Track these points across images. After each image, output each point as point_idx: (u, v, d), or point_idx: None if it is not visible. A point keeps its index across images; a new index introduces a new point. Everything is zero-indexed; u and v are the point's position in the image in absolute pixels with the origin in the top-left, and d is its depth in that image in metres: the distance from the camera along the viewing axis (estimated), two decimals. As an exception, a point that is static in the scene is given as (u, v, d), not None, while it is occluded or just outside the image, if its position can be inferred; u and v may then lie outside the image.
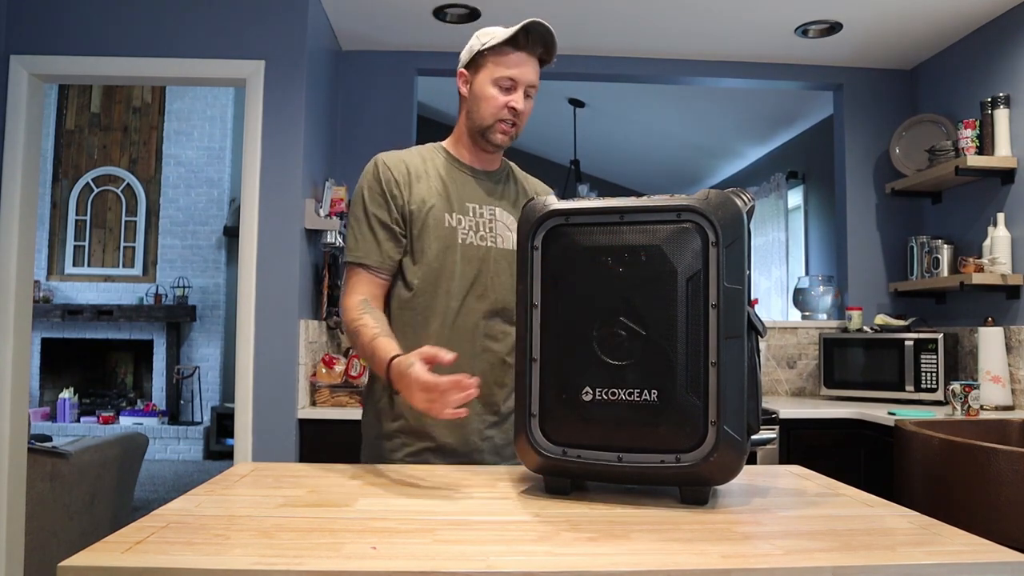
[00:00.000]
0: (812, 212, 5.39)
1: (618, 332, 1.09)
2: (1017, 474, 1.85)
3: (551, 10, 3.15)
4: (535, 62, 1.53)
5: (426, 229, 1.50)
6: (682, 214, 1.08)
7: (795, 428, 2.90)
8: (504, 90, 1.50)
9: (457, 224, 1.51)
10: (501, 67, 1.50)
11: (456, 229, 1.51)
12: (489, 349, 1.52)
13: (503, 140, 1.53)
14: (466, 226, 1.52)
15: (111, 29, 2.89)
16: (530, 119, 1.60)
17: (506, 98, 1.50)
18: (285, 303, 2.85)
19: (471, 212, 1.54)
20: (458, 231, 1.51)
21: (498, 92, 1.50)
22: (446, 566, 0.80)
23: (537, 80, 1.53)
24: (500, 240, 1.55)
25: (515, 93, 1.50)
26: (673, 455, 1.05)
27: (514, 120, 1.52)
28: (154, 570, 0.79)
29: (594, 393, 1.09)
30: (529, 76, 1.51)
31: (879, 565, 0.83)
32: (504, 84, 1.50)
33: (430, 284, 1.50)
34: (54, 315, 6.71)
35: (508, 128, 1.52)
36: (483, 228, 1.54)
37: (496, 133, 1.52)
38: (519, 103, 1.50)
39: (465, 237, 1.52)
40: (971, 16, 3.15)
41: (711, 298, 1.05)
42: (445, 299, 1.50)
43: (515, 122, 1.52)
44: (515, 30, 1.50)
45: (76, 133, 7.09)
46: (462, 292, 1.50)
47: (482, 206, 1.56)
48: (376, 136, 3.56)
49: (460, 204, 1.53)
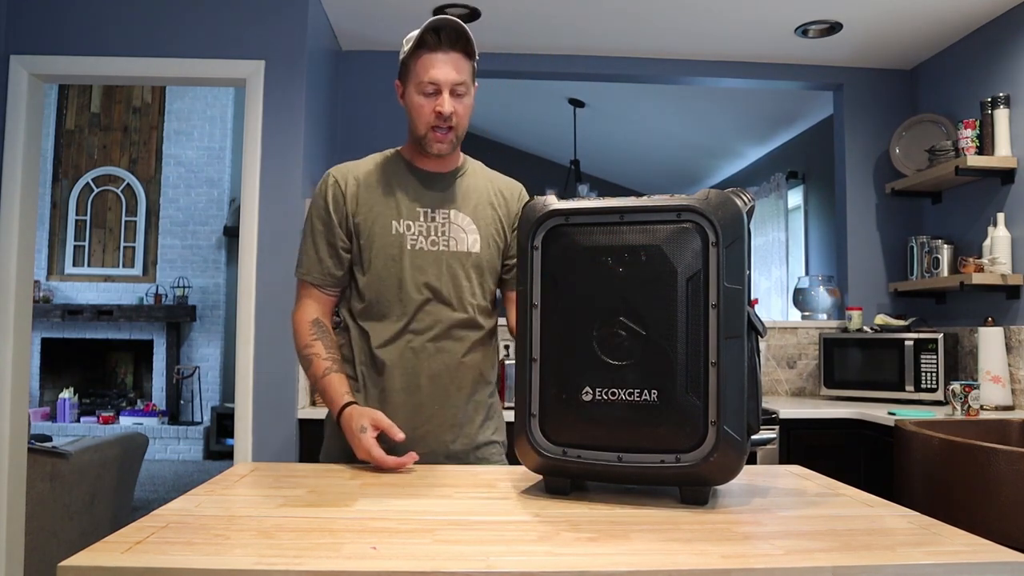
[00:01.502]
0: (812, 212, 5.40)
1: (618, 332, 1.09)
2: (1017, 474, 1.85)
3: (551, 10, 3.15)
4: (457, 58, 1.48)
5: (372, 239, 1.51)
6: (682, 214, 1.08)
7: (795, 428, 2.90)
8: (428, 96, 1.47)
9: (406, 230, 1.51)
10: (420, 72, 1.47)
11: (404, 236, 1.51)
12: (445, 350, 1.52)
13: (441, 148, 1.51)
14: (415, 232, 1.51)
15: (111, 29, 2.89)
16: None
17: (432, 103, 1.47)
18: (285, 303, 2.84)
19: (422, 217, 1.53)
20: (407, 237, 1.51)
21: (424, 99, 1.48)
22: (446, 566, 0.80)
23: (464, 77, 1.48)
24: (454, 243, 1.53)
25: (440, 96, 1.47)
26: (673, 455, 1.05)
27: (448, 124, 1.48)
28: (154, 570, 0.79)
29: (594, 393, 1.09)
30: (450, 75, 1.46)
31: (879, 565, 0.83)
32: (427, 89, 1.47)
33: (379, 293, 1.52)
34: (54, 315, 6.71)
35: (443, 135, 1.49)
36: (435, 232, 1.53)
37: (432, 143, 1.50)
38: (445, 106, 1.46)
39: (415, 243, 1.51)
40: (971, 16, 3.15)
41: (711, 298, 1.05)
42: (399, 306, 1.51)
43: (450, 126, 1.49)
44: (420, 32, 1.47)
45: (76, 133, 7.09)
46: (415, 298, 1.50)
47: (434, 210, 1.54)
48: (376, 136, 3.55)
49: (410, 210, 1.53)
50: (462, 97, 1.50)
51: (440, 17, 1.48)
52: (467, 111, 1.52)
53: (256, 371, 2.81)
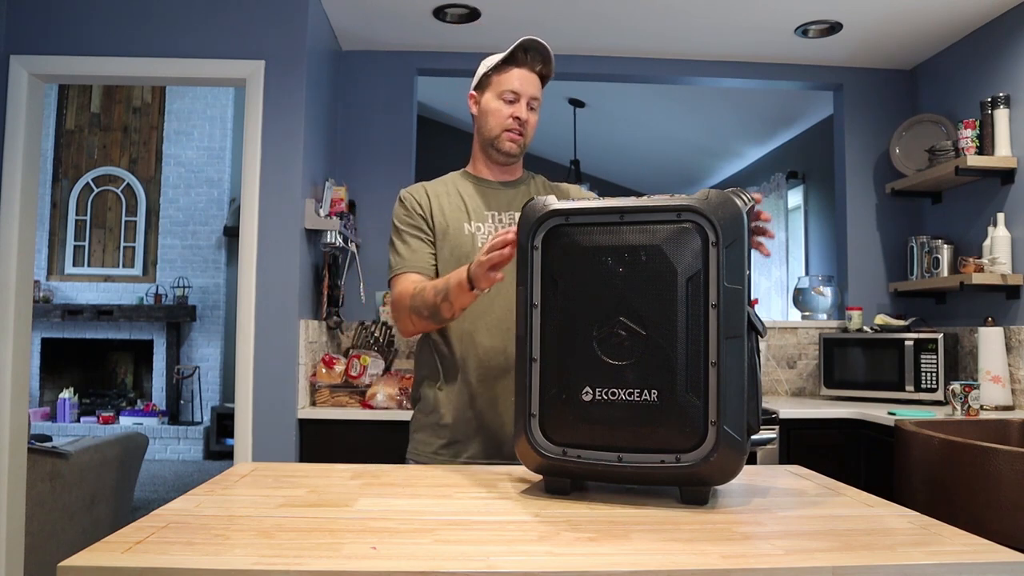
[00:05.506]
0: (812, 212, 5.39)
1: (618, 332, 1.09)
2: (1017, 474, 1.85)
3: (551, 10, 3.15)
4: (535, 77, 1.66)
5: (447, 238, 1.62)
6: (682, 214, 1.08)
7: (795, 428, 2.90)
8: (508, 103, 1.63)
9: (476, 231, 1.64)
10: (504, 83, 1.63)
11: (475, 235, 1.62)
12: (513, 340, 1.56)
13: (512, 148, 1.65)
14: (485, 232, 1.64)
15: (111, 29, 2.89)
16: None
17: (510, 109, 1.63)
18: (285, 303, 2.85)
19: (490, 220, 1.66)
20: (477, 237, 1.62)
21: (502, 105, 1.63)
22: (446, 566, 0.80)
23: (539, 93, 1.66)
24: None
25: (518, 104, 1.63)
26: (673, 455, 1.05)
27: (520, 130, 1.64)
28: (154, 570, 0.79)
29: (594, 393, 1.09)
30: (530, 89, 1.64)
31: (879, 565, 0.83)
32: (507, 97, 1.63)
33: None
34: (54, 315, 6.71)
35: (515, 136, 1.64)
36: None
37: (505, 141, 1.64)
38: (522, 112, 1.63)
39: (484, 241, 1.60)
40: (971, 16, 3.15)
41: (711, 298, 1.05)
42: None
43: (521, 131, 1.64)
44: (512, 48, 1.63)
45: (76, 133, 7.09)
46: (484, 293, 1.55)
47: (501, 213, 1.66)
48: (376, 136, 3.56)
49: (478, 213, 1.65)
50: (534, 111, 1.67)
51: (530, 39, 1.62)
52: (535, 126, 1.68)
53: (256, 371, 2.81)
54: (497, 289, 1.55)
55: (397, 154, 3.56)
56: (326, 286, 3.20)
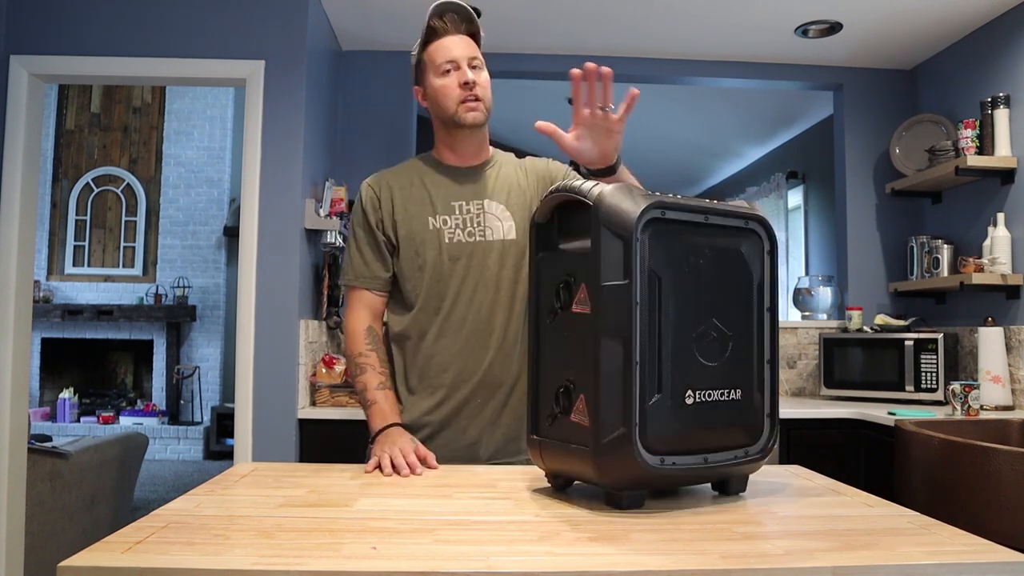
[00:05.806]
0: (812, 212, 5.39)
1: (710, 333, 1.09)
2: (1017, 474, 1.85)
3: (551, 10, 3.15)
4: (466, 38, 1.56)
5: (410, 236, 1.56)
6: (749, 222, 1.14)
7: (795, 428, 2.90)
8: (449, 74, 1.54)
9: (442, 225, 1.56)
10: (436, 57, 1.54)
11: (441, 230, 1.56)
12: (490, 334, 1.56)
13: (476, 117, 1.55)
14: (452, 225, 1.56)
15: (111, 29, 2.89)
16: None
17: (454, 79, 1.53)
18: (285, 303, 2.85)
19: (457, 210, 1.57)
20: (443, 232, 1.56)
21: (445, 79, 1.54)
22: (446, 566, 0.80)
23: (476, 52, 1.56)
24: (490, 232, 1.57)
25: (460, 70, 1.53)
26: (743, 449, 1.12)
27: (474, 94, 1.53)
28: (154, 570, 0.79)
29: (695, 396, 1.07)
30: (466, 51, 1.54)
31: (879, 565, 0.83)
32: (445, 68, 1.53)
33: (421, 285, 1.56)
34: (54, 315, 6.71)
35: (474, 103, 1.54)
36: (471, 224, 1.57)
37: (464, 113, 1.54)
38: (467, 75, 1.53)
39: (452, 236, 1.56)
40: (971, 16, 3.15)
41: (765, 301, 1.15)
42: (436, 300, 1.56)
43: (476, 95, 1.54)
44: (427, 21, 1.55)
45: (76, 133, 7.09)
46: (454, 289, 1.55)
47: (469, 202, 1.58)
48: (376, 136, 3.56)
49: (444, 205, 1.58)
50: (479, 70, 1.56)
51: (441, 2, 1.54)
52: (487, 84, 1.57)
53: (256, 371, 2.81)
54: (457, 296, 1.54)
55: (397, 154, 3.55)
56: (326, 286, 3.20)
